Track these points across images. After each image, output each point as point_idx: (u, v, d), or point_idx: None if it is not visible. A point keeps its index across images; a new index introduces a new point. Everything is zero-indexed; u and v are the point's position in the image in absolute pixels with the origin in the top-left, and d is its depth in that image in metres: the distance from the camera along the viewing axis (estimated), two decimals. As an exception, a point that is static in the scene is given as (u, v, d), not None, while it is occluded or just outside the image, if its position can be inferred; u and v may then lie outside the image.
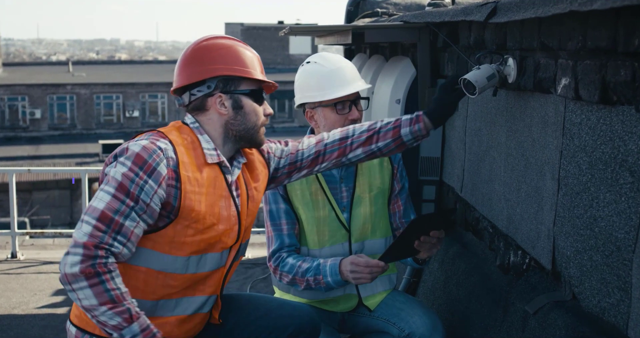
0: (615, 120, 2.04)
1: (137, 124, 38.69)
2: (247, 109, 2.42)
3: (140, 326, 2.15)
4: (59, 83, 38.23)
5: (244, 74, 2.39)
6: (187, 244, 2.30)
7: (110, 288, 2.10)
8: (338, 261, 2.84)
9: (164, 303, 2.34)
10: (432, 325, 2.95)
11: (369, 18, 5.67)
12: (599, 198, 2.14)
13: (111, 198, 2.16)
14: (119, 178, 2.17)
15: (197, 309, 2.42)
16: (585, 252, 2.23)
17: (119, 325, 2.11)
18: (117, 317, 2.11)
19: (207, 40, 2.43)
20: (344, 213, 3.02)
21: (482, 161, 3.24)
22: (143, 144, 2.23)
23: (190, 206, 2.27)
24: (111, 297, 2.10)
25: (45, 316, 4.75)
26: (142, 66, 50.00)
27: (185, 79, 2.40)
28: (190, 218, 2.28)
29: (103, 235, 2.12)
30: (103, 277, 2.09)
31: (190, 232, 2.29)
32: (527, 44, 2.56)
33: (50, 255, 6.50)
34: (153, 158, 2.21)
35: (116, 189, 2.16)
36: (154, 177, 2.20)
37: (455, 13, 2.91)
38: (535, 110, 2.62)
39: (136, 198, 2.17)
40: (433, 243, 2.78)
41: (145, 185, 2.18)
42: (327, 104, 2.93)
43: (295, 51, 44.13)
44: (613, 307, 2.07)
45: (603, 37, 1.96)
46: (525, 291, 2.70)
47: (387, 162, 3.11)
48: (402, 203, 3.15)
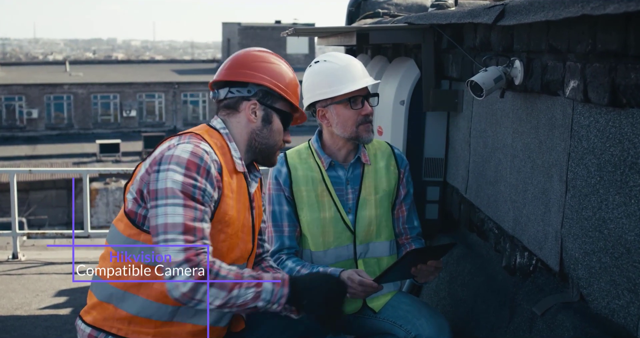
0: (625, 123, 2.05)
1: (134, 124, 38.65)
2: (274, 126, 2.47)
3: (271, 285, 2.23)
4: (56, 83, 38.15)
5: (285, 95, 2.45)
6: (217, 250, 2.32)
7: (224, 274, 2.18)
8: (338, 273, 2.84)
9: (184, 310, 2.34)
10: (439, 327, 2.95)
11: (370, 19, 5.67)
12: (608, 200, 2.15)
13: (184, 208, 2.17)
14: (180, 188, 2.19)
15: (215, 322, 2.42)
16: (594, 254, 2.24)
17: (255, 295, 2.20)
18: (249, 290, 2.19)
19: (266, 52, 2.51)
20: (349, 215, 3.03)
21: (487, 162, 3.25)
22: (190, 149, 2.24)
23: (225, 209, 2.32)
24: (240, 275, 2.20)
25: (48, 317, 4.75)
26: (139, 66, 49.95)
27: (230, 75, 2.44)
28: (224, 221, 2.32)
29: (194, 243, 2.16)
30: (215, 270, 2.17)
31: (222, 237, 2.33)
32: (534, 46, 2.57)
33: (51, 256, 6.49)
34: (204, 161, 2.24)
35: (184, 199, 2.18)
36: (209, 180, 2.24)
37: (462, 15, 2.91)
38: (542, 112, 2.63)
39: (202, 202, 2.21)
40: (430, 271, 2.78)
41: (206, 189, 2.23)
42: (340, 101, 2.92)
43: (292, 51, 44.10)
44: (623, 309, 2.08)
45: (613, 40, 1.97)
46: (532, 293, 2.71)
47: (394, 166, 3.11)
48: (406, 208, 3.14)
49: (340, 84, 2.90)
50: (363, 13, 5.93)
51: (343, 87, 2.90)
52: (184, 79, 40.64)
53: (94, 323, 2.35)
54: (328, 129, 3.00)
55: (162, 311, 2.28)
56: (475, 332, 3.09)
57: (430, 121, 3.91)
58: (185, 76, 41.81)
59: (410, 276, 2.83)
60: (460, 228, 3.82)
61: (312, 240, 3.00)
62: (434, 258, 2.76)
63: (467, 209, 3.60)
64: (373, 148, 3.12)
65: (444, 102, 3.70)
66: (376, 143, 3.16)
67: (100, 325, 2.34)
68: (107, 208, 25.94)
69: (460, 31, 3.40)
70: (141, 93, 39.16)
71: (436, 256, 2.77)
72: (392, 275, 2.77)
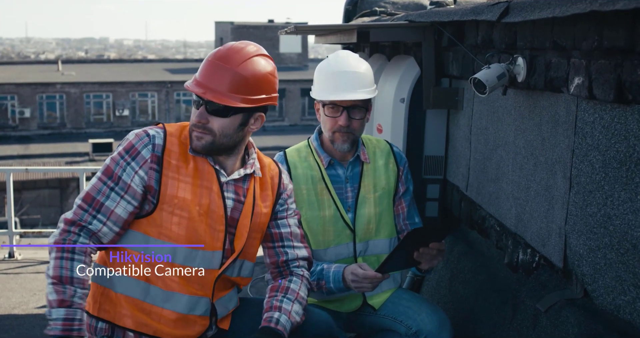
0: (631, 119, 2.05)
1: (127, 123, 38.54)
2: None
3: (66, 314, 2.23)
4: (49, 82, 38.00)
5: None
6: (173, 232, 2.38)
7: (64, 266, 2.25)
8: (342, 269, 2.84)
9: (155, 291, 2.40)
10: (439, 322, 2.95)
11: (367, 17, 5.68)
12: (614, 196, 2.15)
13: (97, 180, 2.37)
14: (107, 162, 2.38)
15: (189, 309, 2.44)
16: (599, 250, 2.25)
17: (52, 302, 2.24)
18: (53, 294, 2.24)
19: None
20: (349, 213, 3.03)
21: (488, 159, 3.25)
22: (136, 132, 2.42)
23: (172, 192, 2.38)
24: (61, 274, 2.25)
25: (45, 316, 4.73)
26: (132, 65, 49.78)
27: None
28: (174, 204, 2.38)
29: (83, 213, 2.32)
30: (64, 254, 2.26)
31: (176, 219, 2.39)
32: (538, 43, 2.57)
33: (47, 255, 6.46)
34: (139, 143, 2.38)
35: (102, 173, 2.37)
36: (137, 159, 2.36)
37: (465, 12, 2.91)
38: (545, 109, 2.63)
39: (117, 178, 2.35)
40: (433, 254, 2.77)
41: (127, 167, 2.36)
42: (324, 103, 2.94)
43: (285, 50, 44.07)
44: (629, 305, 2.08)
45: (620, 36, 1.97)
46: (535, 289, 2.72)
47: (393, 164, 3.11)
48: (406, 204, 3.14)
49: (322, 89, 2.92)
50: (360, 11, 5.94)
51: (323, 93, 2.92)
52: (176, 79, 40.52)
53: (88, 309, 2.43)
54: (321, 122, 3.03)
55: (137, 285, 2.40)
56: (477, 330, 3.09)
57: (430, 118, 3.92)
58: (178, 75, 41.69)
59: (413, 264, 2.81)
60: (460, 226, 3.82)
61: (312, 238, 3.00)
62: (436, 239, 2.73)
63: (467, 206, 3.60)
64: (372, 146, 3.12)
65: (444, 100, 3.71)
66: (375, 141, 3.16)
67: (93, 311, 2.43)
68: (101, 208, 25.86)
69: (461, 29, 3.41)
70: (134, 92, 39.07)
71: (438, 238, 2.74)
72: (395, 263, 2.74)
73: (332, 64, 2.94)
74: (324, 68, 2.96)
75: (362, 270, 2.77)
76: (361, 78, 2.91)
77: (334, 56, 2.97)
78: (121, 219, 2.35)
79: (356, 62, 2.95)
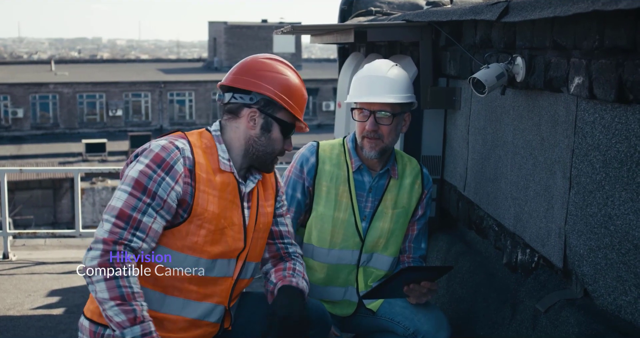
0: (632, 119, 2.05)
1: (120, 124, 38.47)
2: (273, 135, 2.48)
3: (143, 330, 2.18)
4: (42, 82, 37.90)
5: (287, 106, 2.46)
6: (199, 244, 2.36)
7: (123, 284, 2.18)
8: None
9: (172, 300, 2.38)
10: (437, 322, 2.95)
11: (363, 17, 5.67)
12: (615, 196, 2.15)
13: (128, 195, 2.26)
14: (135, 176, 2.27)
15: (204, 315, 2.44)
16: (599, 250, 2.24)
17: (123, 323, 2.17)
18: (122, 315, 2.16)
19: (276, 61, 2.51)
20: (364, 222, 3.01)
21: (486, 159, 3.25)
22: (162, 144, 2.34)
23: (203, 205, 2.35)
24: (122, 293, 2.17)
25: (41, 317, 4.70)
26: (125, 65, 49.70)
27: (235, 82, 2.46)
28: (204, 217, 2.35)
29: (122, 231, 2.22)
30: (117, 273, 2.18)
31: (203, 232, 2.36)
32: (538, 43, 2.56)
33: (42, 256, 6.43)
34: (171, 157, 2.31)
35: (132, 187, 2.26)
36: (171, 174, 2.30)
37: (464, 12, 2.91)
38: (544, 109, 2.63)
39: (153, 194, 2.27)
40: (423, 292, 2.79)
41: (163, 182, 2.28)
42: (354, 108, 2.95)
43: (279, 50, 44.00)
44: (630, 305, 2.08)
45: (622, 36, 1.97)
46: (534, 290, 2.71)
47: (419, 185, 3.09)
48: (418, 228, 3.13)
49: (352, 92, 2.97)
50: (355, 11, 5.92)
51: (351, 96, 2.96)
52: (170, 79, 40.48)
53: (92, 317, 2.38)
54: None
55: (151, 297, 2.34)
56: (476, 330, 3.08)
57: (427, 118, 3.91)
58: (171, 75, 41.64)
59: (402, 296, 2.85)
60: (458, 226, 3.82)
61: (319, 235, 2.99)
62: (429, 279, 2.76)
63: (465, 207, 3.60)
64: (403, 162, 3.10)
65: (442, 100, 3.70)
66: (407, 158, 3.14)
67: (97, 319, 2.36)
68: (94, 208, 25.80)
69: (459, 29, 3.40)
70: (127, 92, 38.99)
71: (431, 278, 2.78)
72: (384, 292, 2.78)
73: (363, 70, 2.98)
74: (357, 74, 3.00)
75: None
76: (391, 83, 2.90)
77: (369, 63, 3.01)
78: (157, 234, 2.30)
79: (387, 68, 2.95)
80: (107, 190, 25.60)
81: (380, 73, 2.92)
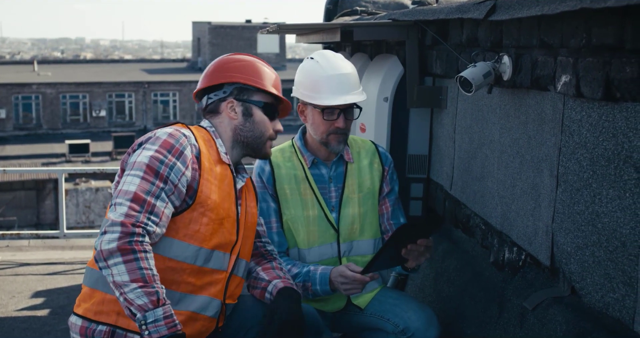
0: (619, 117, 2.05)
1: (104, 124, 38.30)
2: (256, 119, 2.56)
3: (164, 312, 2.16)
4: (24, 82, 37.67)
5: (258, 86, 2.54)
6: (200, 233, 2.38)
7: (144, 266, 2.15)
8: (328, 272, 2.83)
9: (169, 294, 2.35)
10: (427, 319, 2.95)
11: (348, 16, 5.66)
12: (602, 194, 2.16)
13: (141, 180, 2.25)
14: (146, 161, 2.28)
15: (202, 309, 2.42)
16: (587, 248, 2.25)
17: (145, 306, 2.13)
18: (144, 297, 2.13)
19: (233, 55, 2.63)
20: (333, 212, 3.02)
21: (473, 158, 3.25)
22: (169, 131, 2.37)
23: (206, 193, 2.38)
24: (143, 275, 2.14)
25: (25, 318, 4.67)
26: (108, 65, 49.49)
27: (204, 83, 2.58)
28: (207, 205, 2.38)
29: (138, 214, 2.20)
30: (138, 255, 2.15)
31: (205, 220, 2.38)
32: (524, 41, 2.57)
33: (26, 257, 6.39)
34: (180, 143, 2.35)
35: (145, 172, 2.26)
36: (182, 159, 2.32)
37: (450, 11, 2.91)
38: (531, 107, 2.64)
39: (165, 178, 2.27)
40: (421, 251, 2.76)
41: (175, 166, 2.30)
42: (316, 107, 2.91)
43: (263, 50, 43.98)
44: (618, 302, 2.09)
45: (609, 34, 1.97)
46: (521, 288, 2.72)
47: (378, 164, 3.10)
48: (391, 204, 3.13)
49: (318, 93, 2.89)
50: (341, 11, 5.92)
51: (320, 98, 2.88)
52: (154, 79, 40.34)
53: (86, 314, 2.34)
54: (306, 124, 3.01)
55: None
56: (464, 328, 3.09)
57: (413, 117, 3.91)
58: (155, 75, 41.51)
59: (401, 261, 2.81)
60: (445, 225, 3.82)
61: (295, 237, 2.99)
62: (424, 235, 2.72)
63: (451, 205, 3.60)
64: (357, 146, 3.11)
65: (428, 99, 3.70)
66: (360, 141, 3.15)
67: (92, 316, 2.33)
68: (77, 209, 25.62)
69: (446, 28, 3.40)
70: (111, 93, 38.83)
71: (425, 234, 2.74)
72: (382, 262, 2.74)
73: (324, 67, 2.90)
74: (316, 72, 2.91)
75: (350, 272, 2.76)
76: (354, 79, 2.94)
77: (322, 58, 2.94)
78: (168, 220, 2.29)
79: (345, 63, 2.95)
80: (91, 191, 25.43)
81: (344, 70, 2.92)
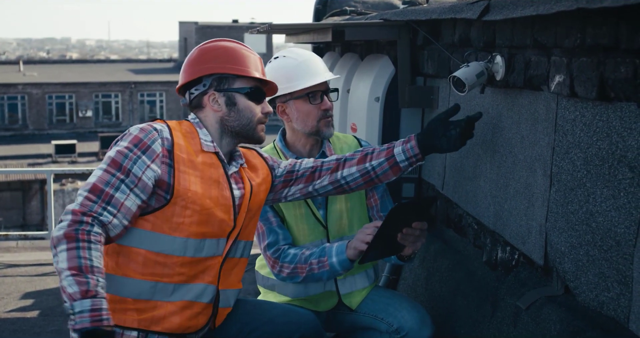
0: (613, 116, 2.06)
1: (90, 124, 38.16)
2: (240, 106, 2.52)
3: (93, 305, 2.10)
4: (10, 83, 37.48)
5: (236, 72, 2.50)
6: (185, 225, 2.37)
7: (83, 256, 2.14)
8: (346, 242, 2.84)
9: (163, 286, 2.37)
10: (421, 319, 2.95)
11: (338, 16, 5.67)
12: (596, 193, 2.16)
13: (103, 172, 2.29)
14: (112, 155, 2.32)
15: (196, 297, 2.43)
16: (581, 247, 2.26)
17: (74, 295, 2.09)
18: (75, 286, 2.09)
19: (209, 43, 2.58)
20: (320, 209, 3.02)
21: (465, 158, 3.26)
22: (140, 126, 2.40)
23: (185, 185, 2.37)
24: (80, 264, 2.12)
25: (15, 320, 4.64)
26: (95, 65, 49.30)
27: (183, 79, 2.55)
28: (187, 197, 2.37)
29: (92, 204, 2.23)
30: (80, 244, 2.15)
31: (188, 213, 2.37)
32: (518, 41, 2.57)
33: (14, 258, 6.35)
34: (148, 137, 2.36)
35: (108, 165, 2.30)
36: (148, 153, 2.33)
37: (443, 11, 2.91)
38: (524, 107, 2.64)
39: (127, 171, 2.29)
40: (417, 235, 2.73)
41: (139, 160, 2.31)
42: (299, 96, 2.93)
43: (250, 50, 43.84)
44: (612, 301, 2.09)
45: (604, 34, 1.98)
46: (515, 287, 2.72)
47: None
48: (379, 197, 3.13)
49: (298, 79, 2.92)
50: (330, 11, 5.93)
51: (302, 82, 2.91)
52: (140, 79, 40.23)
53: None
54: (289, 125, 3.01)
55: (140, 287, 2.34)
56: (457, 328, 3.09)
57: (405, 117, 3.92)
58: (141, 76, 41.38)
59: (397, 248, 2.78)
60: (436, 224, 3.82)
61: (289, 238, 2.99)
62: (418, 218, 2.70)
63: (443, 205, 3.61)
64: (339, 142, 3.12)
65: (419, 99, 3.71)
66: (342, 136, 3.17)
67: None
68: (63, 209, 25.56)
69: (437, 28, 3.40)
70: (97, 93, 38.71)
71: (420, 217, 2.71)
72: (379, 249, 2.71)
73: (293, 57, 2.97)
74: (288, 63, 2.96)
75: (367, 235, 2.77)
76: (323, 62, 3.04)
77: (288, 52, 3.01)
78: (130, 212, 2.29)
79: (309, 52, 3.05)
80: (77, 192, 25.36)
81: (310, 56, 2.99)
